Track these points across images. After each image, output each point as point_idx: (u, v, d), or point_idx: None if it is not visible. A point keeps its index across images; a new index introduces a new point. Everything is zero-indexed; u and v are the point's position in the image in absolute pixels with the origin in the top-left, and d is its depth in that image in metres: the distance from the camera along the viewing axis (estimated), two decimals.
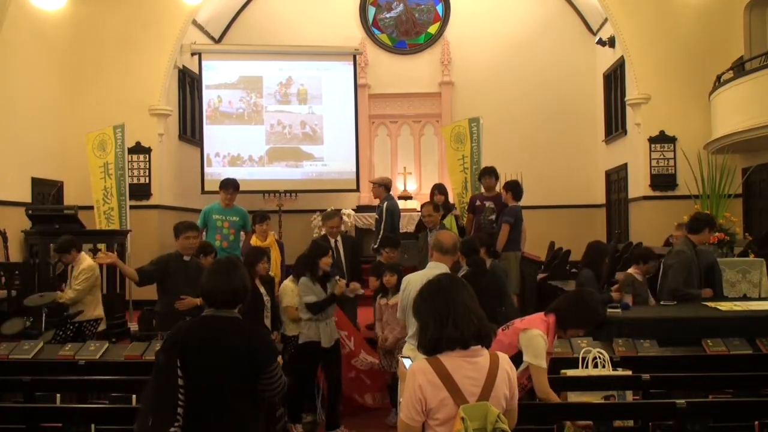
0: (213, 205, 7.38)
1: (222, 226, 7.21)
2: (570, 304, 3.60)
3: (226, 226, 7.22)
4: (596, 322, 3.60)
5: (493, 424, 2.35)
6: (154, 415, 2.66)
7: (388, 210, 7.80)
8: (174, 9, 10.63)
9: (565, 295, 3.77)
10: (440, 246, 4.33)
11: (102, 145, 9.81)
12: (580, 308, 3.55)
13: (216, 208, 7.27)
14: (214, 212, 7.29)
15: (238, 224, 7.30)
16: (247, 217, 7.40)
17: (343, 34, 13.29)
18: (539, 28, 13.34)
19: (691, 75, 10.47)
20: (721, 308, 5.35)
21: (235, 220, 7.27)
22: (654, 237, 9.64)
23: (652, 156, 10.71)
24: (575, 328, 3.58)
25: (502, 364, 2.51)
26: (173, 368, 2.71)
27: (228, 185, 7.34)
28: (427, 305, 2.56)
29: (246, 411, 2.83)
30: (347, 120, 12.47)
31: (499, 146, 12.22)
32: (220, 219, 7.21)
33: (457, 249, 4.41)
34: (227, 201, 7.30)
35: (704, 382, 4.13)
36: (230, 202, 7.31)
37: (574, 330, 3.59)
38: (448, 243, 4.34)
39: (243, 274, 2.98)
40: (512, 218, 7.44)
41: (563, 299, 3.69)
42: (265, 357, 2.85)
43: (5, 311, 7.54)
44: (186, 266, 5.57)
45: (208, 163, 12.14)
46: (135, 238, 9.87)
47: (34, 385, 4.04)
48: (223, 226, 7.21)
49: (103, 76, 10.81)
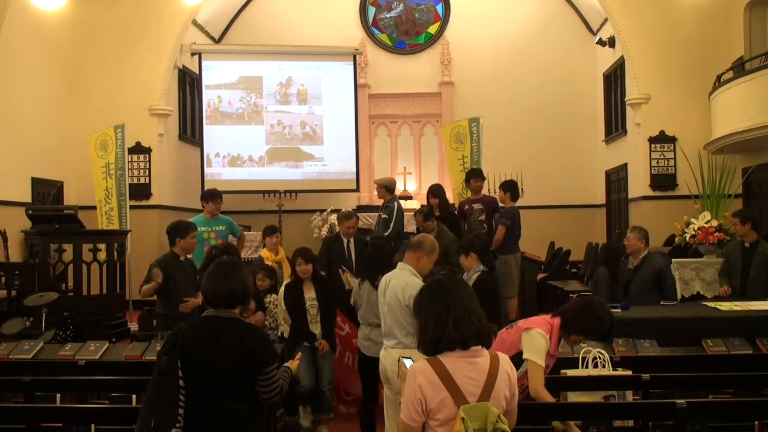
0: (196, 218, 7.27)
1: (209, 237, 7.14)
2: (577, 309, 3.51)
3: (212, 237, 7.18)
4: (599, 332, 3.47)
5: (493, 425, 2.35)
6: (155, 416, 2.66)
7: (400, 211, 7.76)
8: (174, 9, 10.63)
9: (575, 300, 3.75)
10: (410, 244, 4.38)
11: (104, 145, 9.81)
12: (586, 315, 3.45)
13: (200, 220, 7.17)
14: (199, 225, 7.24)
15: (225, 233, 7.26)
16: (233, 223, 7.35)
17: (343, 34, 13.29)
18: (539, 28, 13.34)
19: (691, 75, 10.47)
20: (721, 308, 5.35)
21: (221, 230, 7.21)
22: (654, 237, 9.61)
23: (652, 156, 10.71)
24: (577, 335, 3.48)
25: (503, 365, 2.51)
26: (174, 369, 2.71)
27: (215, 195, 7.24)
28: (427, 305, 2.55)
29: (246, 411, 2.83)
30: (347, 120, 12.47)
31: (499, 146, 12.23)
32: (206, 231, 7.12)
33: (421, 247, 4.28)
34: (215, 211, 7.25)
35: (704, 382, 4.12)
36: (217, 212, 7.27)
37: (576, 336, 3.49)
38: (415, 240, 4.35)
39: (243, 275, 2.98)
40: (509, 220, 7.31)
41: (572, 303, 3.62)
42: (261, 358, 2.85)
43: (5, 311, 7.55)
44: (184, 266, 5.57)
45: (208, 163, 12.14)
46: (135, 238, 9.87)
47: (34, 385, 4.03)
48: (210, 237, 7.15)
49: (103, 76, 10.81)
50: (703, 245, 7.63)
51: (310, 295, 5.38)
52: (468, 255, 5.23)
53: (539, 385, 3.37)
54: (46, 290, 6.92)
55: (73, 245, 7.76)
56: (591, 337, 3.52)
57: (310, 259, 5.39)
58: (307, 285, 5.40)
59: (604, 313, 3.48)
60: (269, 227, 7.21)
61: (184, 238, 5.57)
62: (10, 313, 7.38)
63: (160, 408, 2.68)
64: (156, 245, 10.26)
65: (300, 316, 5.29)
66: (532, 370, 3.38)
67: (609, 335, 3.58)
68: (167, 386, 2.69)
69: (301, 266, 5.35)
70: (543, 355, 3.42)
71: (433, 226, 6.83)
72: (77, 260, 7.74)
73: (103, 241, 8.14)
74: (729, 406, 3.66)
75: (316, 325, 5.32)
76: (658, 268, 5.96)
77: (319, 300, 5.37)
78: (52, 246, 7.92)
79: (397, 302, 4.06)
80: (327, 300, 5.42)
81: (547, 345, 3.44)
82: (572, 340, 3.54)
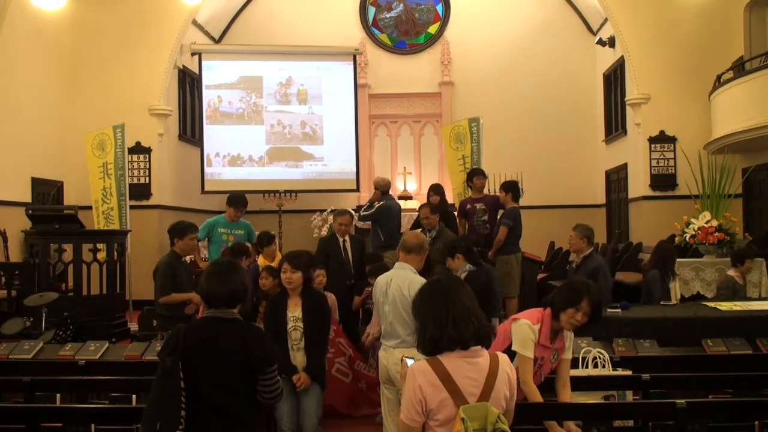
0: (218, 218, 7.35)
1: (227, 240, 7.19)
2: (558, 288, 3.59)
3: (231, 239, 7.21)
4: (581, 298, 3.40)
5: (493, 425, 2.35)
6: (161, 419, 2.66)
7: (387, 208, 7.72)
8: (174, 9, 10.62)
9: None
10: (404, 245, 4.33)
11: (101, 145, 9.81)
12: (564, 288, 3.53)
13: (222, 221, 7.24)
14: (219, 225, 7.26)
15: (243, 238, 7.27)
16: (251, 229, 7.38)
17: (343, 34, 13.29)
18: (539, 28, 13.34)
19: (691, 75, 10.47)
20: (721, 308, 5.35)
21: (240, 234, 7.24)
22: (654, 237, 9.62)
23: (652, 156, 10.71)
24: (564, 310, 3.42)
25: (502, 365, 2.51)
26: (176, 371, 2.70)
27: (239, 203, 7.26)
28: (427, 305, 2.56)
29: (247, 412, 2.83)
30: (347, 120, 12.47)
31: (499, 146, 12.23)
32: (225, 233, 7.19)
33: (422, 248, 4.31)
34: (235, 217, 7.28)
35: (704, 382, 4.13)
36: (237, 217, 7.30)
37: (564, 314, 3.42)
38: (413, 242, 4.32)
39: (242, 275, 2.98)
40: (512, 220, 7.33)
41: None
42: (262, 359, 2.84)
43: (5, 311, 7.55)
44: (185, 267, 5.58)
45: (208, 163, 12.14)
46: (135, 238, 9.86)
47: (34, 385, 4.03)
48: (228, 240, 7.19)
49: (103, 76, 10.81)
50: (703, 245, 7.64)
51: (295, 314, 4.22)
52: (454, 257, 5.36)
53: (528, 376, 3.40)
54: (46, 290, 6.90)
55: (73, 245, 7.76)
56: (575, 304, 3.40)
57: (301, 267, 4.25)
58: (293, 300, 4.27)
59: (581, 283, 3.54)
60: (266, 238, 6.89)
61: (182, 239, 5.58)
62: (10, 313, 7.38)
63: (165, 409, 2.67)
64: (156, 245, 10.27)
65: (281, 341, 4.13)
66: (520, 362, 3.42)
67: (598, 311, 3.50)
68: (170, 388, 2.69)
69: (287, 274, 4.24)
70: (530, 345, 3.44)
71: (437, 220, 6.83)
72: (77, 260, 7.74)
73: (103, 241, 8.13)
74: (729, 406, 3.66)
75: (298, 353, 4.19)
76: (592, 269, 5.85)
77: (305, 321, 4.19)
78: (52, 246, 7.91)
79: (402, 299, 4.05)
80: (315, 321, 4.23)
81: (535, 335, 3.46)
82: (564, 321, 3.45)
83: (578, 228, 6.11)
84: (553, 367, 3.59)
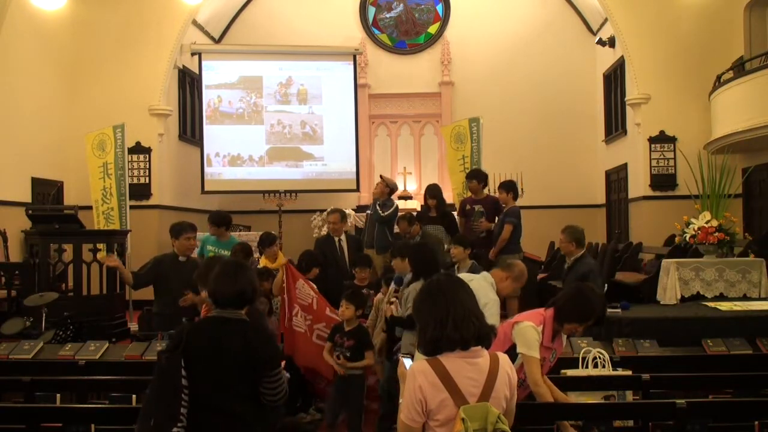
0: (209, 236, 7.30)
1: None
2: (568, 296, 3.51)
3: None
4: (591, 317, 3.42)
5: (493, 425, 2.35)
6: (156, 415, 2.66)
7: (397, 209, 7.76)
8: (174, 9, 10.62)
9: (566, 288, 3.75)
10: (513, 269, 4.47)
11: (101, 145, 9.81)
12: (577, 301, 3.44)
13: (211, 240, 7.19)
14: (209, 243, 7.22)
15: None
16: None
17: (343, 34, 13.29)
18: (539, 28, 13.33)
19: (691, 75, 10.47)
20: (721, 308, 5.36)
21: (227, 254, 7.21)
22: (654, 237, 9.64)
23: (652, 156, 10.71)
24: (570, 323, 3.43)
25: (503, 365, 2.51)
26: (177, 369, 2.70)
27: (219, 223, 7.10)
28: (427, 306, 2.56)
29: (248, 413, 2.82)
30: (347, 120, 12.47)
31: (499, 146, 12.23)
32: (212, 251, 7.14)
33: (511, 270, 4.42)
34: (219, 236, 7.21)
35: (704, 382, 4.13)
36: (226, 237, 7.24)
37: (569, 325, 3.44)
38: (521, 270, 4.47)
39: (250, 276, 2.98)
40: (516, 219, 7.34)
41: (564, 292, 3.65)
42: (266, 360, 2.84)
43: (5, 311, 7.54)
44: (182, 267, 5.54)
45: (208, 163, 12.14)
46: (135, 238, 9.87)
47: (34, 385, 4.04)
48: None
49: (102, 76, 10.81)
50: (703, 245, 7.61)
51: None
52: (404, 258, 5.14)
53: (537, 378, 3.38)
54: (46, 290, 6.90)
55: (73, 245, 7.75)
56: (584, 321, 3.44)
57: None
58: None
59: (595, 297, 3.48)
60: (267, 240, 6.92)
61: (177, 239, 5.61)
62: (10, 313, 7.37)
63: (161, 407, 2.67)
64: (156, 245, 10.26)
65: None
66: (528, 363, 3.39)
67: (602, 320, 3.53)
68: (169, 385, 2.69)
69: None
70: (536, 346, 3.43)
71: (417, 230, 6.94)
72: (77, 260, 7.73)
73: (103, 241, 8.13)
74: (729, 406, 3.67)
75: None
76: (583, 273, 5.75)
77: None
78: (52, 246, 7.90)
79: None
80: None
81: (539, 337, 3.45)
82: (567, 329, 3.48)
83: (566, 231, 5.95)
84: (550, 367, 3.60)
